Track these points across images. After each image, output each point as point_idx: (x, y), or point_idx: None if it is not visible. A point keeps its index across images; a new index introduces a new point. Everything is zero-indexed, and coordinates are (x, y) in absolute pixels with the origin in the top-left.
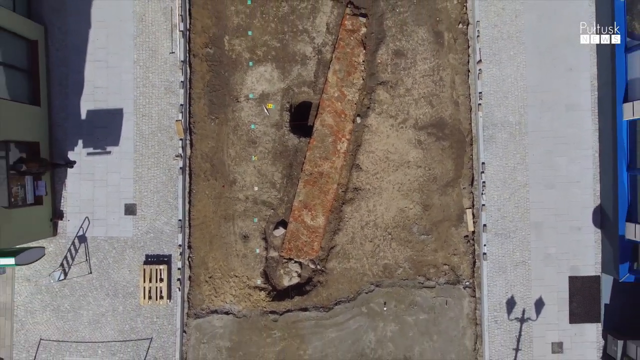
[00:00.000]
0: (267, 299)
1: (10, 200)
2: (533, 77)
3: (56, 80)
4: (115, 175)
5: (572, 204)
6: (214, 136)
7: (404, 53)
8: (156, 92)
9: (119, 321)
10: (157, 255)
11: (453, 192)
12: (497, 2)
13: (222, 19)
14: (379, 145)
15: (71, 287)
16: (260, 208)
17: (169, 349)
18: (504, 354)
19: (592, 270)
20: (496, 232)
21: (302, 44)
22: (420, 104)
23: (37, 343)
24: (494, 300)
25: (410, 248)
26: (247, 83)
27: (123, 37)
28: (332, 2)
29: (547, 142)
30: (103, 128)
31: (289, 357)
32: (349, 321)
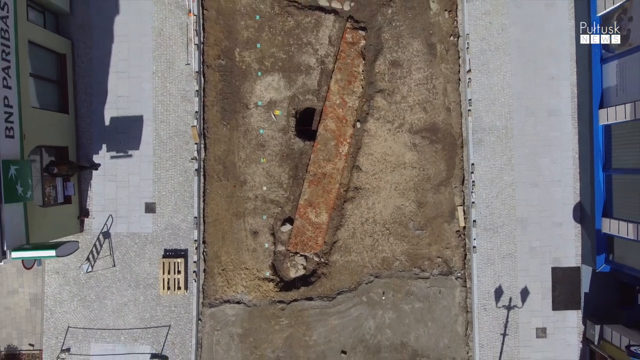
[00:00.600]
0: (275, 289)
1: (44, 199)
2: (518, 85)
3: (82, 90)
4: (136, 176)
5: (554, 201)
6: (226, 140)
7: (400, 63)
8: (173, 100)
9: (140, 310)
10: (175, 250)
11: (445, 191)
12: (485, 16)
13: (233, 33)
14: (377, 148)
15: (96, 279)
16: (269, 206)
17: (185, 335)
18: (492, 338)
19: (572, 262)
20: (485, 227)
21: (306, 56)
22: (415, 110)
23: (65, 330)
24: (483, 289)
25: (407, 242)
26: (256, 91)
27: (143, 51)
28: (334, 17)
29: (531, 145)
30: (125, 133)
31: (296, 342)
32: (351, 309)
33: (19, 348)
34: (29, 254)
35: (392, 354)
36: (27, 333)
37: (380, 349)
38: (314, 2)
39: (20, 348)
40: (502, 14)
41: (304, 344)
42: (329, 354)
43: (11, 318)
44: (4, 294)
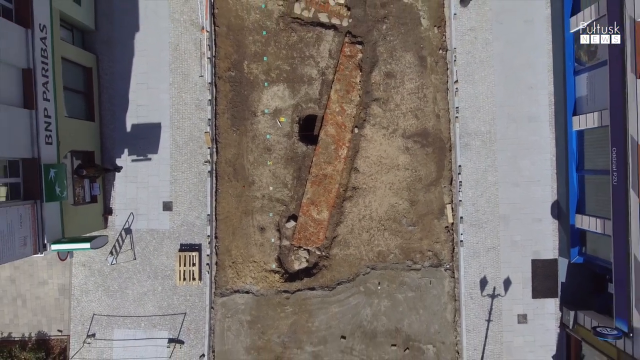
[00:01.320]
0: (280, 280)
1: (74, 199)
2: (501, 94)
3: (106, 100)
4: (154, 177)
5: (533, 199)
6: (236, 145)
7: (394, 74)
8: (188, 109)
9: (159, 299)
10: (190, 244)
11: (435, 190)
12: (471, 32)
13: (242, 47)
14: (373, 152)
15: (119, 271)
16: (275, 204)
17: (199, 322)
18: (478, 324)
19: (550, 254)
20: (471, 223)
21: (308, 68)
22: (408, 116)
23: (90, 317)
24: (469, 280)
25: (400, 237)
26: (263, 100)
27: (161, 64)
28: (333, 32)
29: (513, 148)
30: (144, 139)
31: (299, 328)
32: (349, 298)
33: (49, 334)
34: (66, 247)
35: (387, 338)
36: (55, 320)
37: (377, 334)
38: (316, 19)
39: (49, 334)
40: (485, 30)
41: (307, 329)
42: (330, 338)
43: (41, 306)
44: (35, 285)
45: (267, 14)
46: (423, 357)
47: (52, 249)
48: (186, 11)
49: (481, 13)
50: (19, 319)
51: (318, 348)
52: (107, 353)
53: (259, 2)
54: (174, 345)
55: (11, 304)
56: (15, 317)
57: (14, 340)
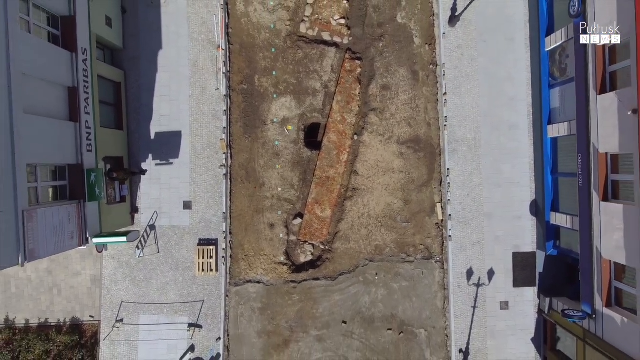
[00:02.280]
0: (288, 271)
1: (107, 199)
2: (484, 105)
3: (133, 111)
4: (176, 180)
5: (514, 199)
6: (248, 150)
7: (389, 87)
8: (205, 118)
9: (180, 288)
10: (207, 239)
11: (427, 191)
12: (458, 49)
13: (253, 63)
14: (371, 156)
15: (144, 263)
16: (283, 204)
17: (216, 308)
18: (464, 311)
19: (529, 248)
20: (458, 220)
21: (313, 81)
22: (402, 125)
23: (119, 304)
24: (457, 271)
25: (395, 233)
26: (272, 110)
27: (181, 78)
28: (335, 49)
29: (495, 153)
30: (166, 145)
31: (305, 314)
32: (350, 287)
33: (81, 319)
34: (106, 240)
35: (383, 323)
36: (88, 307)
37: (374, 320)
38: (319, 37)
39: (82, 319)
40: (471, 47)
41: (312, 315)
42: (332, 323)
43: (75, 295)
44: (70, 275)
45: (276, 33)
46: (416, 340)
47: (93, 242)
48: (204, 31)
49: (467, 32)
50: (55, 306)
51: (322, 332)
52: (133, 336)
53: (268, 22)
54: (193, 329)
55: (48, 293)
56: (51, 305)
57: (50, 325)
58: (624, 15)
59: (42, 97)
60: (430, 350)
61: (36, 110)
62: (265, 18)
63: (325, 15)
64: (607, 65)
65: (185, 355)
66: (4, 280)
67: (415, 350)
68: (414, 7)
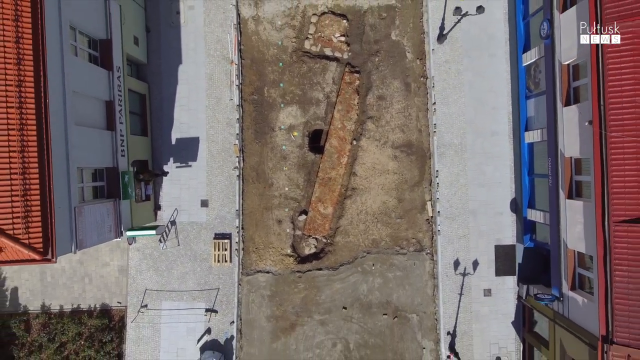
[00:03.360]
0: (294, 262)
1: (135, 198)
2: (469, 113)
3: (156, 119)
4: (194, 180)
5: (496, 197)
6: (258, 154)
7: (385, 97)
8: (220, 126)
9: (198, 277)
10: (222, 234)
11: (418, 190)
12: (446, 64)
13: (263, 76)
14: (368, 159)
15: (166, 255)
16: (289, 202)
17: (230, 295)
18: (452, 297)
19: (510, 241)
20: (446, 216)
21: (316, 92)
22: (396, 131)
23: (143, 292)
24: (445, 262)
25: (390, 227)
26: (279, 118)
27: (198, 90)
28: (336, 63)
29: (479, 157)
30: (186, 150)
31: (309, 301)
32: (349, 277)
33: (110, 305)
34: (137, 233)
35: (379, 309)
36: (115, 294)
37: (371, 306)
38: (322, 53)
39: (110, 305)
40: (457, 62)
41: (315, 302)
42: (333, 309)
43: (104, 283)
44: (100, 266)
45: (283, 49)
46: (409, 324)
47: (127, 235)
48: (219, 48)
49: (454, 49)
50: (86, 294)
51: (324, 317)
52: (156, 320)
53: (276, 39)
54: (210, 314)
55: (80, 282)
56: (83, 292)
57: (82, 311)
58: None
59: (87, 111)
60: (421, 333)
61: (83, 122)
62: (274, 36)
63: (327, 33)
64: (571, 81)
65: (202, 337)
66: (41, 270)
67: (408, 333)
68: (406, 25)
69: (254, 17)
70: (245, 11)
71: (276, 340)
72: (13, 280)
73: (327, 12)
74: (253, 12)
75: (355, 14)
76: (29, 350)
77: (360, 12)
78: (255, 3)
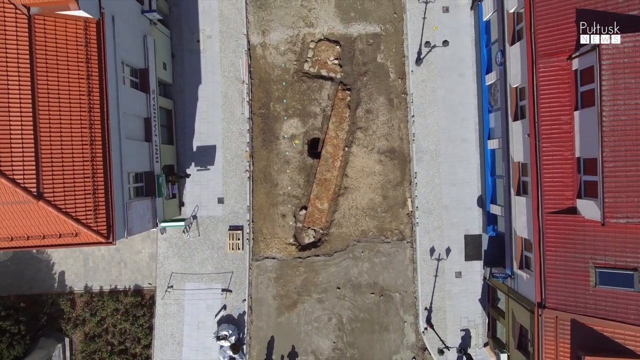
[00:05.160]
0: (296, 250)
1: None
2: (443, 124)
3: (180, 130)
4: (212, 181)
5: (465, 194)
6: (265, 159)
7: (372, 111)
8: (234, 136)
9: (215, 262)
10: (236, 226)
11: (400, 189)
12: (423, 83)
13: (269, 93)
14: (358, 163)
15: (189, 244)
16: (292, 199)
17: (242, 277)
18: (428, 279)
19: (477, 231)
20: (424, 210)
21: (314, 106)
22: (381, 139)
23: (170, 274)
24: (423, 249)
25: (377, 220)
26: (283, 129)
27: (215, 106)
28: (330, 82)
29: (451, 160)
30: (205, 156)
31: (309, 282)
32: (342, 262)
33: (142, 286)
34: (169, 224)
35: (368, 289)
36: (146, 277)
37: (361, 286)
38: (318, 73)
39: (142, 286)
40: (433, 81)
41: (313, 283)
42: (329, 289)
43: (137, 268)
44: (133, 253)
45: (286, 70)
46: (392, 301)
47: (161, 226)
48: (232, 70)
49: (430, 70)
50: (122, 276)
51: (321, 295)
52: (180, 298)
53: (280, 62)
54: (225, 293)
55: (117, 266)
56: (119, 275)
57: (118, 290)
58: (524, 69)
59: (132, 127)
60: (403, 309)
61: (130, 136)
62: (278, 59)
63: (323, 56)
64: (518, 101)
65: (219, 312)
66: (84, 257)
67: (392, 309)
68: (389, 50)
69: (262, 44)
70: (254, 39)
71: (281, 315)
72: (60, 265)
73: (323, 39)
74: (261, 39)
75: (346, 40)
76: (74, 324)
77: (351, 39)
78: (262, 32)
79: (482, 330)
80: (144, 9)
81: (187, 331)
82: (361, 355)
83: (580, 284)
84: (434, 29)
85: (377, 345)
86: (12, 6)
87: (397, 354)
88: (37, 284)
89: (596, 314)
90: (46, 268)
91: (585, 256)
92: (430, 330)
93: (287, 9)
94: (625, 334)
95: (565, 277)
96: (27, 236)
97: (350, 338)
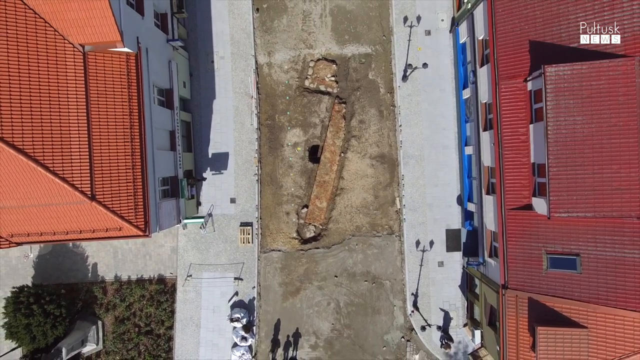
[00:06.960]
0: (298, 243)
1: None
2: (426, 133)
3: (197, 139)
4: (225, 184)
5: (447, 194)
6: (272, 164)
7: (364, 121)
8: (244, 144)
9: (228, 254)
10: (246, 222)
11: (389, 189)
12: (409, 96)
13: (275, 106)
14: (352, 167)
15: (205, 238)
16: (295, 199)
17: (251, 267)
18: (415, 268)
19: (457, 226)
20: (410, 208)
21: (313, 118)
22: (373, 146)
23: (189, 265)
24: (409, 242)
25: (369, 217)
26: (287, 137)
27: (228, 118)
28: (328, 96)
29: (434, 164)
30: (219, 161)
31: (310, 272)
32: (339, 254)
33: (165, 275)
34: (191, 221)
35: (362, 277)
36: (168, 267)
37: (356, 275)
38: (317, 89)
39: (165, 275)
40: (417, 95)
41: (314, 272)
42: (328, 277)
43: (160, 259)
44: (157, 246)
45: (289, 86)
46: (383, 288)
47: (184, 222)
48: (242, 87)
49: (414, 85)
50: (147, 267)
51: (321, 283)
52: (198, 285)
53: (284, 79)
54: (237, 281)
55: (142, 258)
56: (145, 266)
57: (144, 279)
58: (490, 88)
59: (161, 139)
60: (392, 294)
61: (159, 146)
62: (282, 76)
63: (322, 74)
64: (487, 115)
65: (232, 298)
66: (114, 250)
67: (383, 294)
68: (379, 68)
69: (268, 64)
70: (261, 59)
71: (286, 301)
72: (93, 257)
73: (321, 59)
74: (267, 59)
75: (342, 59)
76: (106, 309)
77: (346, 58)
78: (268, 53)
79: (461, 313)
80: (169, 38)
81: (204, 314)
82: (356, 334)
83: (535, 268)
84: (418, 49)
85: (370, 326)
86: (70, 45)
87: (388, 334)
88: (73, 274)
89: (548, 293)
90: (81, 260)
91: (539, 245)
92: (417, 312)
93: (289, 32)
94: (571, 309)
95: (524, 263)
96: (79, 230)
97: (346, 320)
